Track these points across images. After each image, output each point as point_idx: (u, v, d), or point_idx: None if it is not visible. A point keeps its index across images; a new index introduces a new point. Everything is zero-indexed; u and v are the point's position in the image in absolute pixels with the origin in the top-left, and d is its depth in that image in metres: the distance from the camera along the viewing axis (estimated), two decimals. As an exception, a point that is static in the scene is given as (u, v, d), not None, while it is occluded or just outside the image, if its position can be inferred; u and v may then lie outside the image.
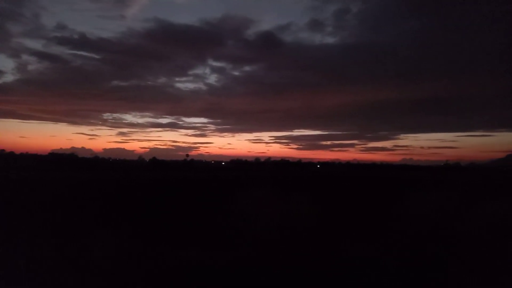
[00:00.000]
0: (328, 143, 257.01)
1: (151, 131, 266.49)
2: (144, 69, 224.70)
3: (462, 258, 7.99)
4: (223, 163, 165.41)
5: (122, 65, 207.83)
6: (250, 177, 51.46)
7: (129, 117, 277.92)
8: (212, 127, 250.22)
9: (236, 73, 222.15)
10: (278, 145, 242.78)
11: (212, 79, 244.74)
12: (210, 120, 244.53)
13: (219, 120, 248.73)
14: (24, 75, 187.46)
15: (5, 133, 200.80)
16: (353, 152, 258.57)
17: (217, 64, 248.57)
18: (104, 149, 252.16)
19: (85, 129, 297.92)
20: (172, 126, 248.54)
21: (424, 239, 9.87)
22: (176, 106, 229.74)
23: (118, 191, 24.77)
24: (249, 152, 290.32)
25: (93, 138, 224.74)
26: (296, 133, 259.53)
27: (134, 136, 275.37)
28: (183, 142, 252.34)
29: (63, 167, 76.49)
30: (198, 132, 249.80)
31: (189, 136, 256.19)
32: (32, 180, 32.76)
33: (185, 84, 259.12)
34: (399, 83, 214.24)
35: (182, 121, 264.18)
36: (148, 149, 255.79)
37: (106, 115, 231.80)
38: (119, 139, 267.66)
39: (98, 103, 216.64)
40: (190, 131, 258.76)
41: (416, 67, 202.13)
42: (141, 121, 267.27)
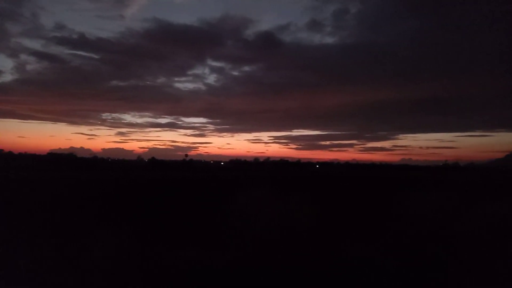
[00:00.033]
0: (327, 143, 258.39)
1: (150, 131, 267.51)
2: (143, 69, 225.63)
3: (461, 258, 7.99)
4: (222, 163, 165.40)
5: (121, 65, 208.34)
6: (249, 177, 51.43)
7: (128, 117, 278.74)
8: (211, 127, 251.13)
9: (235, 73, 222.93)
10: (277, 145, 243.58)
11: (211, 79, 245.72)
12: (209, 120, 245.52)
13: (218, 120, 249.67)
14: (23, 75, 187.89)
15: (3, 133, 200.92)
16: (352, 152, 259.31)
17: (216, 64, 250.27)
18: (103, 149, 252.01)
19: (84, 129, 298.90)
20: (171, 126, 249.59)
21: (424, 239, 9.87)
22: (175, 106, 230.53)
23: (117, 191, 24.72)
24: (248, 152, 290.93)
25: (92, 138, 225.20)
26: (295, 133, 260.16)
27: (133, 136, 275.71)
28: (182, 142, 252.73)
29: (62, 167, 76.31)
30: (197, 132, 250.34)
31: (188, 136, 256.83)
32: (30, 180, 32.67)
33: (184, 84, 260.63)
34: (398, 83, 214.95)
35: (181, 121, 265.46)
36: (147, 149, 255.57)
37: (105, 115, 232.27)
38: (118, 139, 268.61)
39: (97, 103, 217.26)
40: (189, 131, 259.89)
41: (415, 67, 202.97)
42: (140, 121, 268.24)
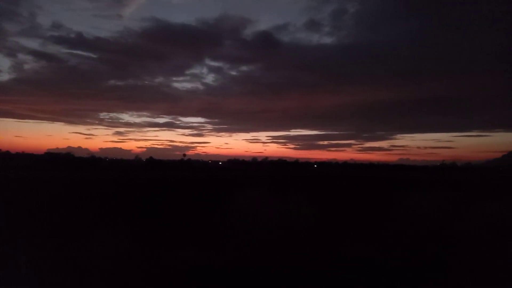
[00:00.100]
0: (325, 143, 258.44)
1: (148, 131, 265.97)
2: (141, 68, 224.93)
3: (460, 258, 8.00)
4: (220, 163, 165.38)
5: (119, 64, 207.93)
6: (247, 177, 51.42)
7: (126, 117, 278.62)
8: (209, 126, 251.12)
9: (234, 73, 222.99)
10: (275, 145, 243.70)
11: (210, 78, 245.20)
12: (207, 120, 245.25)
13: (216, 120, 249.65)
14: (20, 74, 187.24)
15: (1, 133, 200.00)
16: (350, 152, 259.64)
17: (214, 64, 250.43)
18: (101, 149, 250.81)
19: (81, 128, 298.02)
20: (169, 126, 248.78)
21: (422, 239, 9.88)
22: (173, 106, 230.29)
23: (115, 190, 24.62)
24: (246, 152, 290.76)
25: (90, 138, 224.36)
26: (293, 133, 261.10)
27: (131, 136, 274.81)
28: (180, 142, 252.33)
29: (59, 166, 76.03)
30: (195, 132, 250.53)
31: (186, 135, 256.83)
32: (28, 180, 32.50)
33: (182, 84, 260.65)
34: (396, 83, 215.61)
35: (179, 120, 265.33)
36: (145, 149, 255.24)
37: (103, 115, 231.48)
38: (116, 138, 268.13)
39: (95, 102, 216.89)
40: (187, 131, 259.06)
41: (414, 67, 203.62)
42: (138, 120, 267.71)
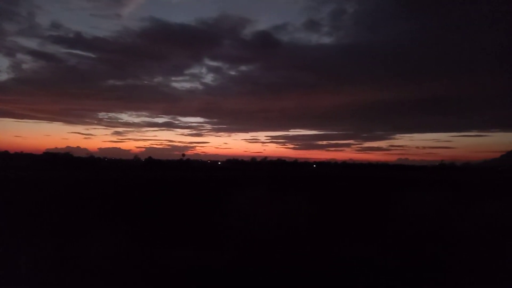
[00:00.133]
0: (324, 143, 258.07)
1: (147, 131, 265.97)
2: (140, 68, 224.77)
3: (459, 258, 8.01)
4: (219, 163, 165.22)
5: (118, 64, 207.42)
6: (247, 176, 51.40)
7: (124, 117, 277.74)
8: (208, 126, 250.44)
9: (233, 72, 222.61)
10: (274, 144, 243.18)
11: (209, 78, 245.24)
12: (206, 120, 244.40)
13: (215, 120, 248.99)
14: (19, 74, 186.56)
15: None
16: (349, 152, 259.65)
17: (213, 63, 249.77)
18: (100, 149, 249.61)
19: (80, 128, 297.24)
20: (168, 126, 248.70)
21: (421, 239, 9.88)
22: (172, 106, 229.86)
23: (114, 190, 24.59)
24: (245, 151, 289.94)
25: (89, 138, 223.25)
26: (292, 133, 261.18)
27: (129, 136, 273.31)
28: (179, 142, 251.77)
29: (58, 166, 75.85)
30: (194, 132, 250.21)
31: (185, 135, 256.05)
32: (27, 180, 32.42)
33: (181, 84, 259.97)
34: (396, 83, 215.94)
35: (178, 120, 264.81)
36: (144, 149, 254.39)
37: (102, 115, 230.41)
38: (114, 138, 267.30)
39: (93, 102, 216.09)
40: (186, 131, 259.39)
41: (414, 67, 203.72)
42: (137, 120, 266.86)
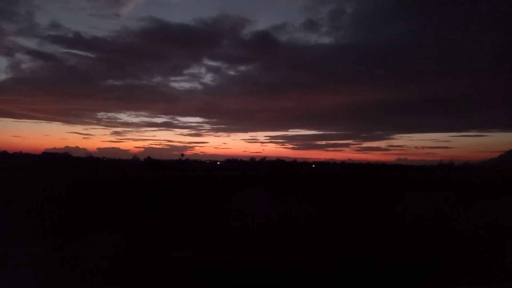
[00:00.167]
0: (323, 143, 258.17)
1: (146, 131, 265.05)
2: (139, 68, 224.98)
3: (459, 258, 8.01)
4: (218, 163, 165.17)
5: (116, 64, 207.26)
6: (246, 176, 51.38)
7: (123, 117, 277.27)
8: (208, 126, 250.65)
9: (232, 72, 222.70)
10: (273, 144, 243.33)
11: (208, 78, 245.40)
12: (206, 120, 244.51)
13: (214, 120, 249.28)
14: (17, 73, 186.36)
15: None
16: (348, 152, 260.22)
17: (212, 63, 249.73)
18: (99, 149, 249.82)
19: (79, 128, 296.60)
20: (167, 126, 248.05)
21: (421, 239, 9.88)
22: (171, 106, 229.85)
23: (113, 190, 24.55)
24: (244, 151, 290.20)
25: (88, 138, 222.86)
26: (291, 133, 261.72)
27: (128, 136, 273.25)
28: (178, 142, 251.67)
29: (57, 166, 75.72)
30: (193, 132, 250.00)
31: (184, 135, 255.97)
32: (26, 180, 32.35)
33: (180, 84, 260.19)
34: (395, 83, 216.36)
35: (177, 120, 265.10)
36: (143, 149, 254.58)
37: (101, 114, 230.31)
38: (113, 138, 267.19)
39: (92, 102, 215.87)
40: (185, 131, 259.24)
41: (414, 67, 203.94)
42: (136, 120, 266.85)
